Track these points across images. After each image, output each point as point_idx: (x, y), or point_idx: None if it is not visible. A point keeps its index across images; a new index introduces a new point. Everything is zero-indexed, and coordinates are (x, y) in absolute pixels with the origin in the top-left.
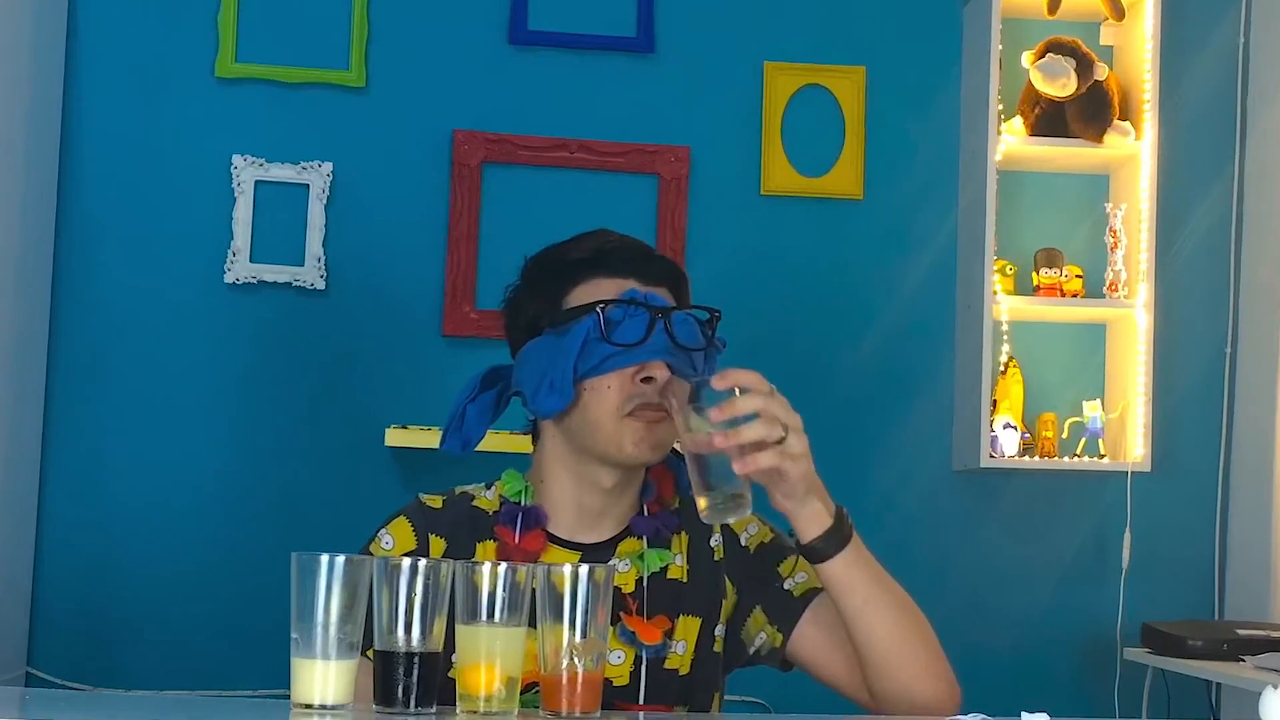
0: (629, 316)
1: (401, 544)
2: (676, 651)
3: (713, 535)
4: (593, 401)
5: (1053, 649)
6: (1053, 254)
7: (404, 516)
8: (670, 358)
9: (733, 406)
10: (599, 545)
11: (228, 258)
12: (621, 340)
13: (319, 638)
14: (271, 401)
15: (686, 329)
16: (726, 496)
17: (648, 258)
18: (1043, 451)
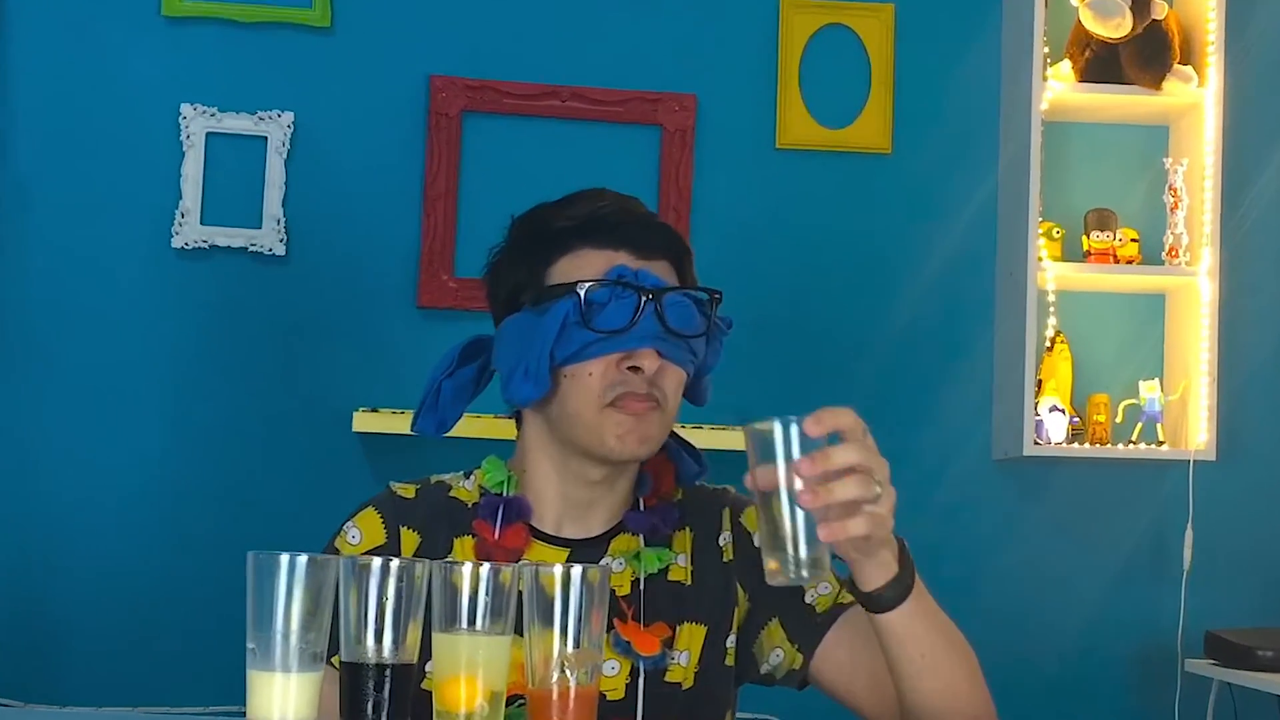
0: (615, 298)
1: (369, 538)
2: (679, 663)
3: (721, 533)
4: (572, 390)
5: (1104, 660)
6: (1105, 215)
7: (372, 507)
8: (661, 344)
9: (826, 459)
10: (589, 541)
11: (175, 220)
12: (604, 326)
13: (278, 648)
14: (225, 382)
15: (681, 311)
16: (803, 562)
17: (644, 226)
18: (1094, 438)
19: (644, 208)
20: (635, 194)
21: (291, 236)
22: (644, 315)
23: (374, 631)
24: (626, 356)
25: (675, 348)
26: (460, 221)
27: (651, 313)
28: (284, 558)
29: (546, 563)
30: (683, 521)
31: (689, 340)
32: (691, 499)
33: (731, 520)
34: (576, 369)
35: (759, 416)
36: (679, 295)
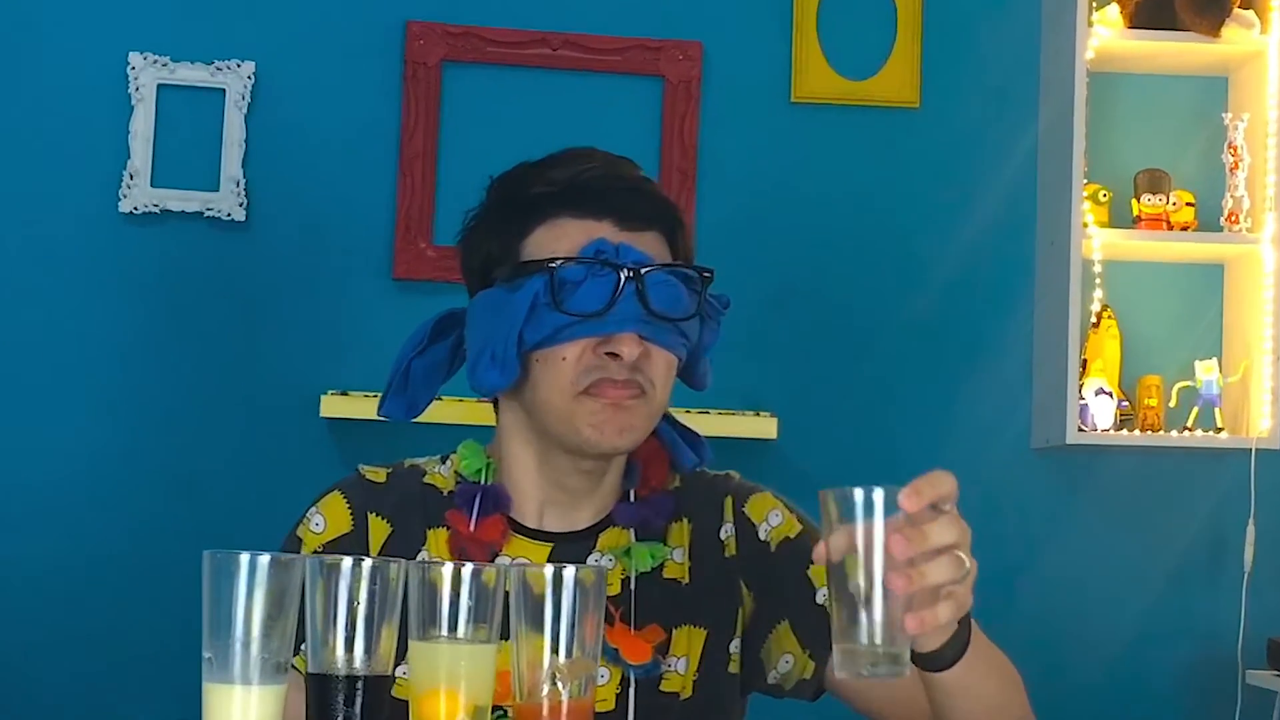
0: (591, 276)
1: (334, 526)
2: (675, 670)
3: (723, 525)
4: (543, 376)
5: (1156, 671)
6: (1157, 177)
7: (338, 492)
8: (644, 328)
9: (924, 539)
10: (574, 536)
11: (123, 181)
12: (578, 309)
13: (237, 658)
14: (177, 363)
15: (667, 291)
16: (882, 656)
17: (632, 193)
18: (1145, 424)
19: (636, 171)
20: (634, 154)
21: (252, 200)
22: (623, 296)
23: (344, 639)
24: (604, 341)
25: (661, 330)
26: (440, 184)
27: (632, 293)
28: (243, 557)
29: (534, 562)
30: (679, 512)
31: (677, 324)
32: (689, 487)
33: (734, 510)
34: (548, 354)
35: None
36: (664, 274)
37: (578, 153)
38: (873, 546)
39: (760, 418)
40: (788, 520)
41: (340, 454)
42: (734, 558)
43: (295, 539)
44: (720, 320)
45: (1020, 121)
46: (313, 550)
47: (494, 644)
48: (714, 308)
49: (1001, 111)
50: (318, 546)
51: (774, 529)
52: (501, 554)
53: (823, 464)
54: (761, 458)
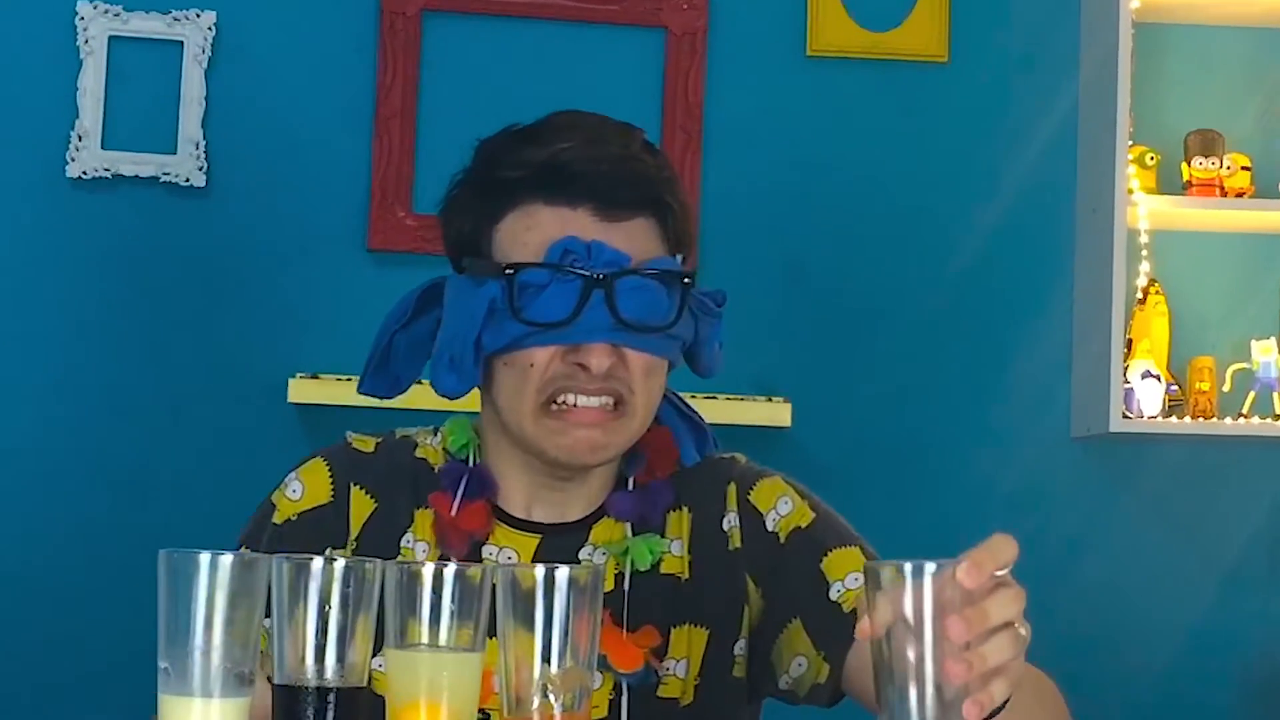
0: (556, 281)
1: (312, 494)
2: (675, 674)
3: (726, 514)
4: (507, 382)
5: (1210, 682)
6: (1210, 138)
7: (321, 458)
8: (616, 336)
9: (985, 618)
10: (565, 528)
11: (71, 143)
12: (538, 318)
13: (197, 667)
14: (131, 342)
15: (640, 298)
16: None
17: (614, 176)
18: (1196, 410)
19: (628, 146)
20: (633, 113)
21: (213, 164)
22: (590, 305)
23: (314, 647)
24: (573, 350)
25: (637, 337)
26: (419, 146)
27: (600, 301)
28: (203, 557)
29: (520, 554)
30: (678, 500)
31: (654, 333)
32: (688, 472)
33: (739, 498)
34: (514, 358)
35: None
36: (637, 278)
37: (562, 124)
38: (924, 625)
39: (773, 403)
40: (799, 508)
41: (310, 443)
42: (738, 551)
43: (268, 505)
44: (719, 315)
45: (1059, 77)
46: (285, 519)
47: (479, 652)
48: (706, 306)
49: (1038, 66)
50: (291, 515)
51: (783, 518)
52: (487, 543)
53: (840, 454)
54: (774, 447)
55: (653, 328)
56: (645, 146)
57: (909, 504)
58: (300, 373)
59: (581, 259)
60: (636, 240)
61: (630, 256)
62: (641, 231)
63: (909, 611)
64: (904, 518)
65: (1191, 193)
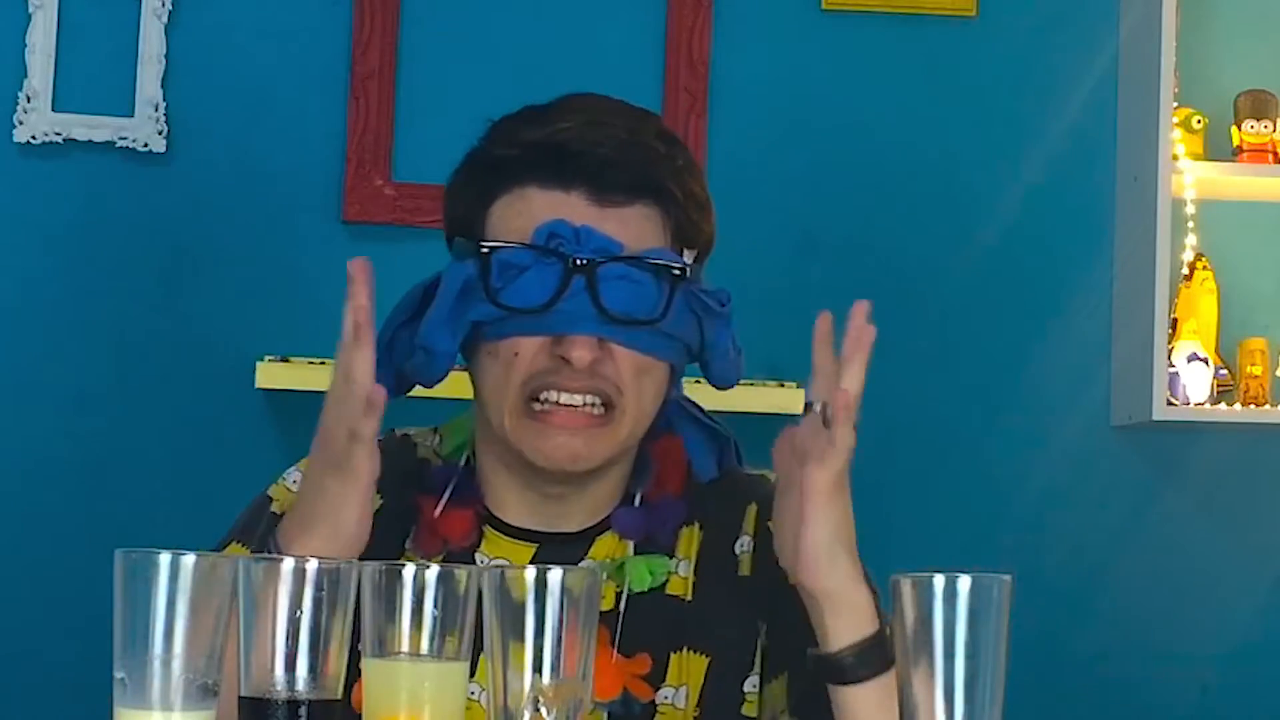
0: (537, 264)
1: None
2: (673, 704)
3: (740, 536)
4: (490, 373)
5: (1262, 689)
6: (1263, 100)
7: None
8: (601, 329)
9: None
10: (564, 538)
11: (19, 105)
12: (514, 302)
13: (156, 678)
14: (86, 322)
15: (623, 290)
16: None
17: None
18: (1247, 396)
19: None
20: (634, 73)
21: (174, 128)
22: (570, 293)
23: (284, 656)
24: (557, 342)
25: (625, 333)
26: (399, 109)
27: (581, 289)
28: (163, 557)
29: (514, 564)
30: (690, 516)
31: (640, 326)
32: (708, 487)
33: (757, 522)
34: (499, 346)
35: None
36: (623, 267)
37: (570, 105)
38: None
39: (783, 389)
40: None
41: (280, 433)
42: (749, 579)
43: (264, 497)
44: (726, 317)
45: (1097, 33)
46: (284, 510)
47: (464, 662)
48: (707, 306)
49: (1074, 21)
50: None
51: None
52: (479, 550)
53: (859, 444)
54: None
55: (638, 321)
56: (659, 133)
57: (934, 500)
58: (269, 355)
59: (568, 243)
60: (632, 229)
61: (623, 245)
62: (639, 220)
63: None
64: (929, 514)
65: (1242, 159)
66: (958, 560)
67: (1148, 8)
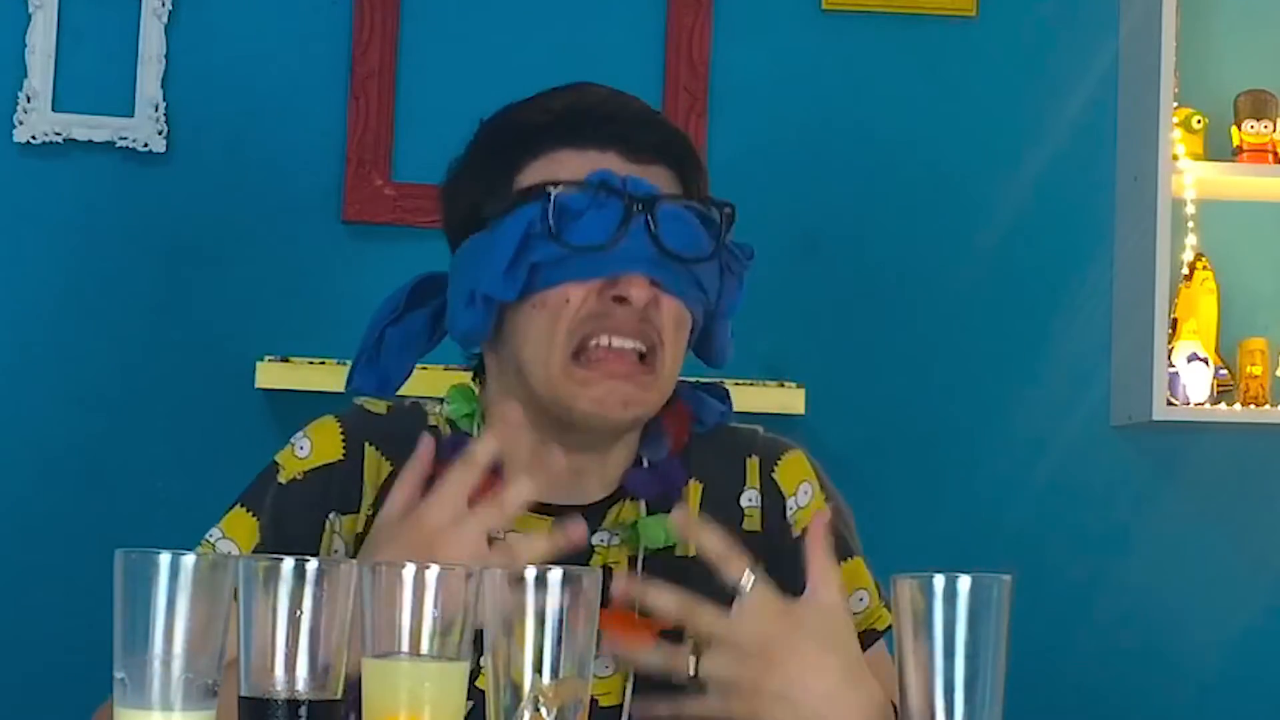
0: (594, 206)
1: (322, 450)
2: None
3: (745, 490)
4: (534, 326)
5: (1263, 694)
6: (1263, 99)
7: (331, 416)
8: (654, 270)
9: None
10: (578, 510)
11: (19, 105)
12: (579, 240)
13: (156, 678)
14: (85, 322)
15: (681, 228)
16: None
17: (641, 123)
18: (1247, 396)
19: (643, 104)
20: (634, 72)
21: (174, 128)
22: (631, 230)
23: (284, 656)
24: (610, 284)
25: (674, 276)
26: (399, 108)
27: (642, 228)
28: (163, 557)
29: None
30: (689, 472)
31: (691, 266)
32: (702, 442)
33: (761, 474)
34: (546, 296)
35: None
36: (678, 207)
37: (576, 85)
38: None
39: (785, 389)
40: (816, 499)
41: (279, 432)
42: (758, 534)
43: (272, 465)
44: (744, 276)
45: (1097, 33)
46: (291, 478)
47: (464, 661)
48: (735, 258)
49: (1074, 21)
50: (298, 474)
51: (800, 509)
52: None
53: (859, 444)
54: (786, 436)
55: (692, 259)
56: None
57: (933, 498)
58: (269, 355)
59: (619, 186)
60: (662, 184)
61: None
62: (665, 179)
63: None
64: (928, 513)
65: (1242, 159)
66: (958, 560)
67: (1148, 8)
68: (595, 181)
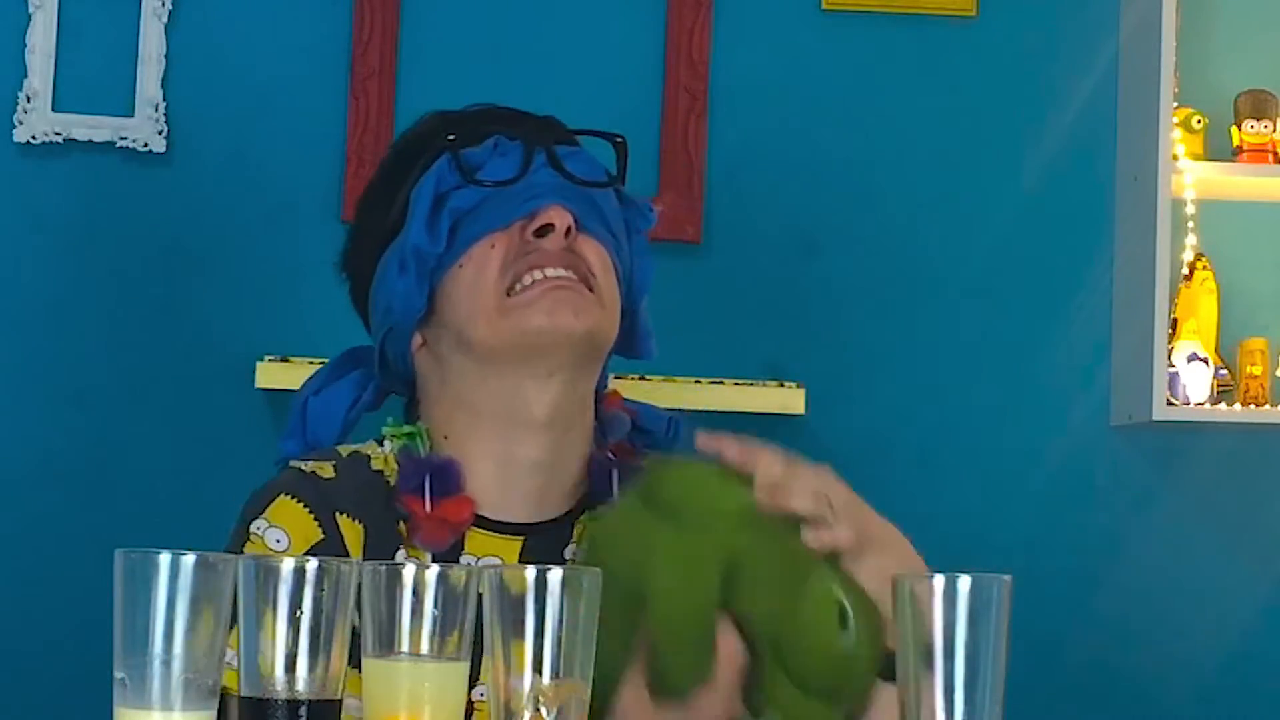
0: (496, 155)
1: (301, 535)
2: None
3: None
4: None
5: (1264, 698)
6: (1263, 99)
7: (285, 496)
8: (567, 199)
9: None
10: (547, 526)
11: (19, 105)
12: (489, 177)
13: (156, 678)
14: (85, 322)
15: (581, 160)
16: None
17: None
18: (1247, 396)
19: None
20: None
21: (174, 128)
22: (535, 165)
23: (284, 657)
24: (528, 221)
25: (586, 209)
26: (399, 109)
27: (544, 162)
28: (163, 558)
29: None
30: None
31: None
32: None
33: None
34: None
35: None
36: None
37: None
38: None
39: (785, 389)
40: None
41: (278, 430)
42: None
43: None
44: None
45: (1097, 33)
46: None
47: (464, 662)
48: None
49: (1075, 21)
50: None
51: None
52: (464, 553)
53: (858, 444)
54: (786, 436)
55: (599, 183)
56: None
57: (933, 499)
58: (269, 355)
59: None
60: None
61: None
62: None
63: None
64: (928, 514)
65: (1242, 159)
66: (958, 560)
67: (1148, 8)
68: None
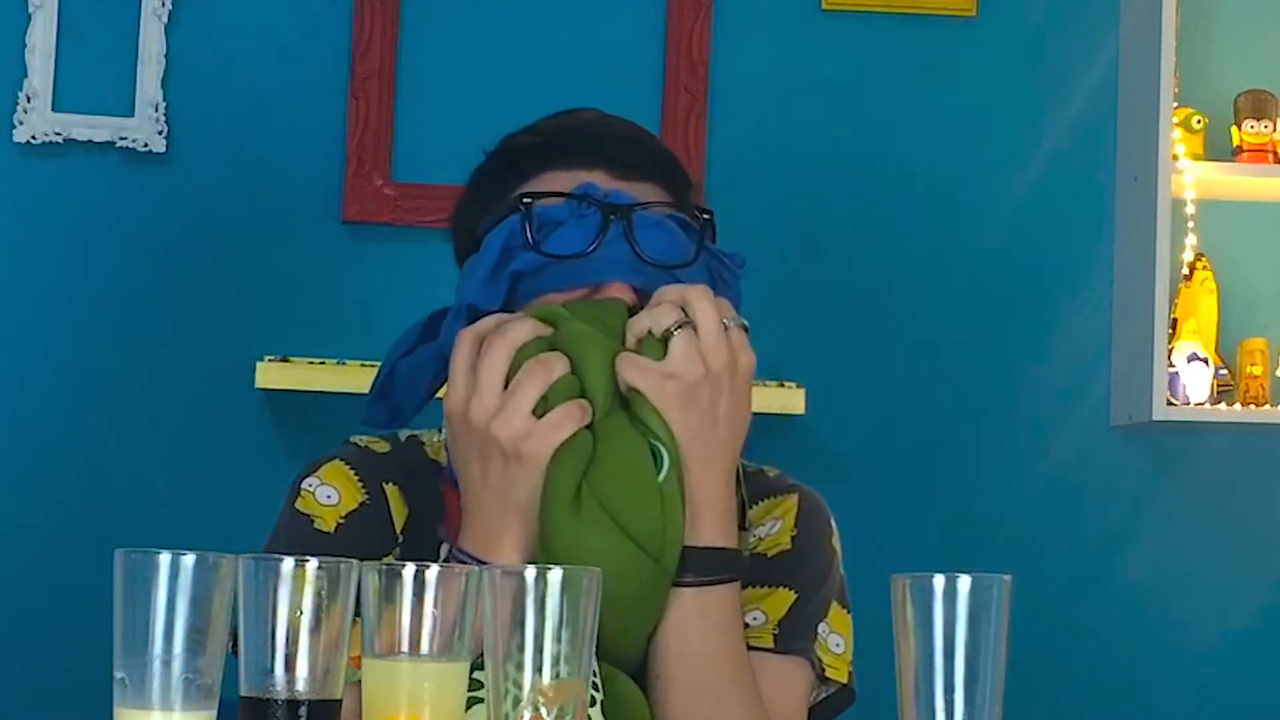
0: (574, 217)
1: (349, 495)
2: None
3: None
4: None
5: (1258, 689)
6: (1263, 99)
7: (337, 460)
8: (635, 277)
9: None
10: None
11: (19, 105)
12: (557, 249)
13: (156, 678)
14: (84, 322)
15: (659, 236)
16: None
17: (629, 140)
18: (1247, 396)
19: (632, 124)
20: (633, 71)
21: (174, 128)
22: (610, 238)
23: (284, 656)
24: (592, 292)
25: (657, 283)
26: (399, 109)
27: (619, 235)
28: (163, 557)
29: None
30: None
31: (673, 272)
32: None
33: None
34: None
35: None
36: (656, 215)
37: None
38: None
39: (784, 389)
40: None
41: (280, 432)
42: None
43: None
44: (738, 286)
45: (1097, 33)
46: (336, 525)
47: (465, 662)
48: (724, 265)
49: (1075, 21)
50: (340, 519)
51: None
52: None
53: (858, 444)
54: (786, 436)
55: (672, 265)
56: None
57: (933, 499)
58: (269, 355)
59: (599, 198)
60: (651, 198)
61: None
62: (654, 194)
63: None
64: (927, 514)
65: (1242, 159)
66: (958, 560)
67: (1148, 8)
68: (577, 193)
